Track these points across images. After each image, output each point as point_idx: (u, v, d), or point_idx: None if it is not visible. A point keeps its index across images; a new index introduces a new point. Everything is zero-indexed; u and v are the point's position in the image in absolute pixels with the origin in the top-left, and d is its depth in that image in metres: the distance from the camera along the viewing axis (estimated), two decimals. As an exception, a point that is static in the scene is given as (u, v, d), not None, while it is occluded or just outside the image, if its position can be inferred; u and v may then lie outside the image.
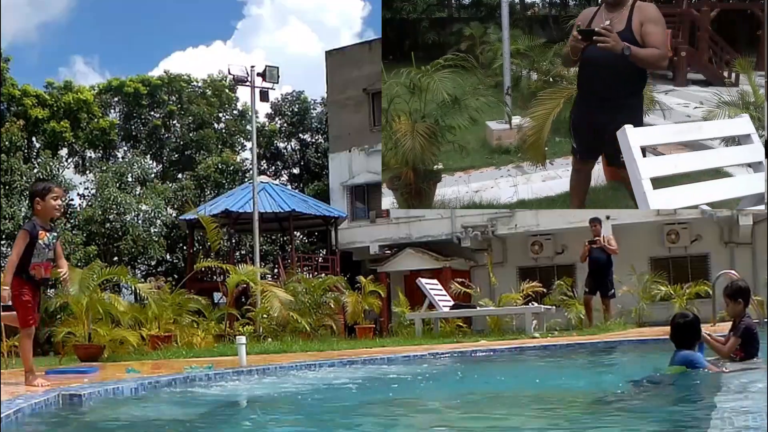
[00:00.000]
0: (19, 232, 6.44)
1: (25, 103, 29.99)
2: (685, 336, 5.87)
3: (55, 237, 6.53)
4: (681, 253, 24.10)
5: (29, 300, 6.28)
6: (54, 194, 6.44)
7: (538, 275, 20.30)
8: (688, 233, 23.76)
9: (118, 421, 5.13)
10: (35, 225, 6.37)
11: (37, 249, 6.30)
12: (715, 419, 3.57)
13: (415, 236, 26.61)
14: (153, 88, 34.24)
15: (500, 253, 25.91)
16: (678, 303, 18.07)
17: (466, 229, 25.54)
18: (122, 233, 27.86)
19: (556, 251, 25.15)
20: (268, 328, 15.61)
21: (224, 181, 31.67)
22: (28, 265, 6.27)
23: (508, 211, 22.67)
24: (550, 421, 4.49)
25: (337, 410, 5.27)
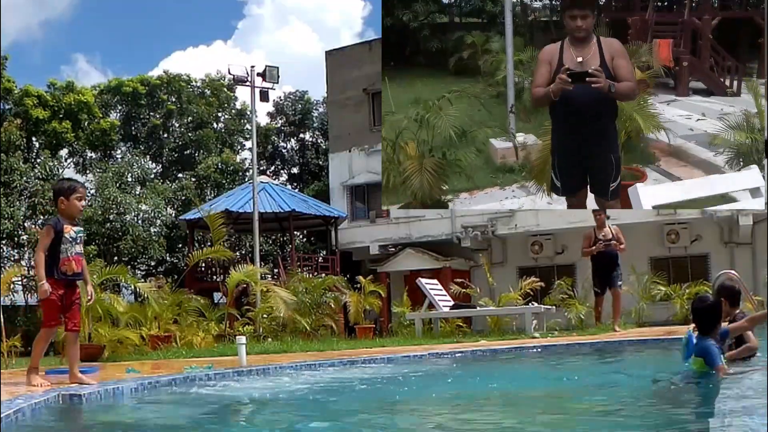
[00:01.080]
0: (42, 228, 6.36)
1: (26, 103, 29.98)
2: (705, 320, 5.76)
3: (81, 231, 6.42)
4: (681, 253, 24.10)
5: (56, 300, 6.14)
6: (78, 194, 6.35)
7: (538, 275, 20.27)
8: (688, 233, 23.76)
9: (117, 421, 5.13)
10: (59, 220, 6.26)
11: (65, 244, 6.19)
12: (714, 420, 3.57)
13: (415, 236, 26.61)
14: (152, 88, 34.24)
15: (500, 253, 25.92)
16: (678, 303, 18.08)
17: (466, 229, 25.54)
18: (122, 233, 27.86)
19: (556, 251, 25.15)
20: (268, 328, 15.61)
21: (224, 181, 31.68)
22: (58, 263, 6.16)
23: (508, 211, 22.68)
24: (550, 420, 4.49)
25: (337, 410, 5.27)
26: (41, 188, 27.48)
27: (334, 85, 29.42)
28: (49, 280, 6.11)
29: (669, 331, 11.73)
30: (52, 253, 6.17)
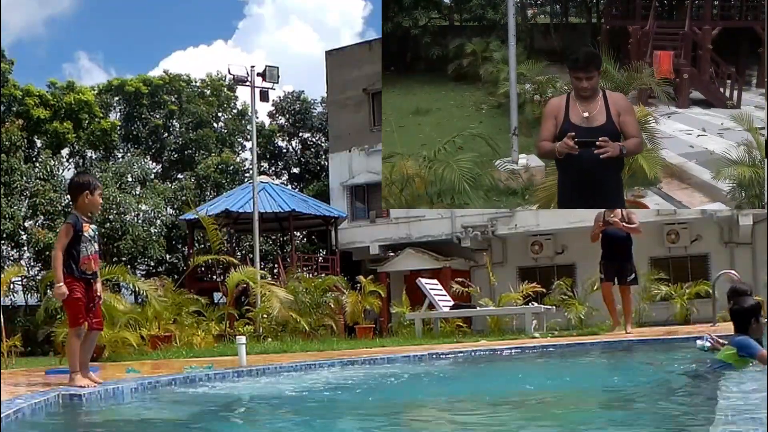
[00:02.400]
0: (61, 227, 6.23)
1: (27, 103, 29.99)
2: (741, 321, 6.04)
3: (96, 229, 6.35)
4: (681, 253, 24.10)
5: (80, 298, 6.07)
6: (100, 190, 6.29)
7: (538, 275, 20.32)
8: (688, 233, 23.76)
9: (117, 421, 5.13)
10: (78, 218, 6.15)
11: (84, 242, 6.11)
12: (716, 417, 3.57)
13: (415, 236, 26.62)
14: (154, 88, 34.24)
15: (500, 253, 25.91)
16: (678, 303, 18.08)
17: (466, 229, 25.54)
18: (122, 233, 27.87)
19: (556, 251, 25.15)
20: (268, 328, 15.61)
21: (224, 181, 31.68)
22: (78, 261, 6.09)
23: (508, 211, 22.67)
24: (551, 421, 4.49)
25: (337, 410, 5.27)
26: (42, 188, 27.48)
27: (334, 85, 29.42)
28: (69, 278, 6.03)
29: (669, 331, 11.75)
30: (70, 251, 6.08)
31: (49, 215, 27.42)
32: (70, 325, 6.18)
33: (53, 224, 26.78)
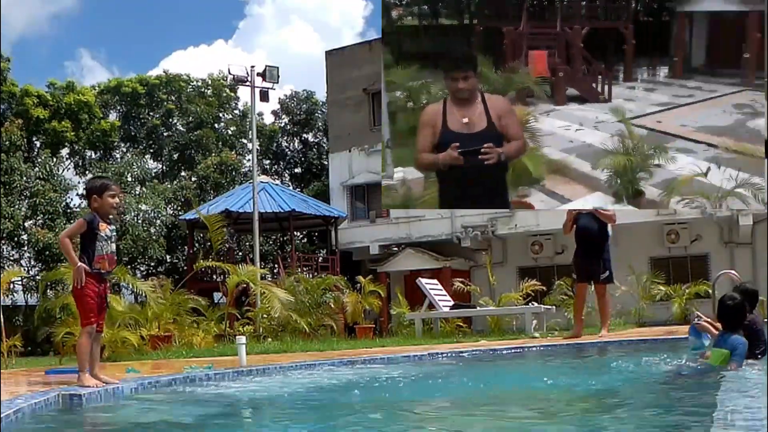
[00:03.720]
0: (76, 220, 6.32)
1: (26, 103, 29.99)
2: (731, 318, 5.98)
3: (115, 230, 6.38)
4: (681, 253, 24.11)
5: (92, 297, 6.09)
6: (111, 191, 6.27)
7: (538, 275, 20.28)
8: (688, 233, 23.77)
9: (117, 421, 5.13)
10: (95, 216, 6.18)
11: (100, 241, 6.13)
12: (716, 418, 3.57)
13: (415, 236, 26.63)
14: (151, 88, 34.23)
15: (500, 253, 25.92)
16: (678, 303, 18.09)
17: (466, 229, 25.55)
18: (122, 233, 27.86)
19: (556, 251, 25.15)
20: (268, 328, 15.61)
21: (224, 181, 31.67)
22: (92, 260, 6.10)
23: (508, 211, 22.68)
24: (552, 420, 4.49)
25: (337, 410, 5.27)
26: (41, 188, 27.48)
27: (334, 85, 29.43)
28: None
29: (669, 331, 11.73)
30: (86, 249, 6.12)
31: (49, 215, 27.42)
32: (83, 324, 6.19)
33: (53, 224, 26.79)
